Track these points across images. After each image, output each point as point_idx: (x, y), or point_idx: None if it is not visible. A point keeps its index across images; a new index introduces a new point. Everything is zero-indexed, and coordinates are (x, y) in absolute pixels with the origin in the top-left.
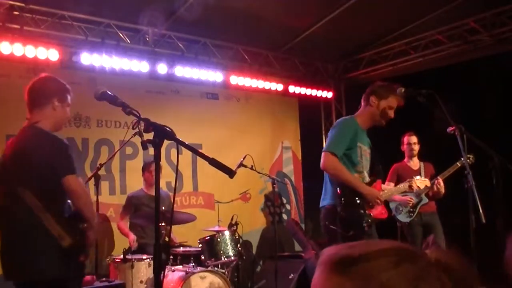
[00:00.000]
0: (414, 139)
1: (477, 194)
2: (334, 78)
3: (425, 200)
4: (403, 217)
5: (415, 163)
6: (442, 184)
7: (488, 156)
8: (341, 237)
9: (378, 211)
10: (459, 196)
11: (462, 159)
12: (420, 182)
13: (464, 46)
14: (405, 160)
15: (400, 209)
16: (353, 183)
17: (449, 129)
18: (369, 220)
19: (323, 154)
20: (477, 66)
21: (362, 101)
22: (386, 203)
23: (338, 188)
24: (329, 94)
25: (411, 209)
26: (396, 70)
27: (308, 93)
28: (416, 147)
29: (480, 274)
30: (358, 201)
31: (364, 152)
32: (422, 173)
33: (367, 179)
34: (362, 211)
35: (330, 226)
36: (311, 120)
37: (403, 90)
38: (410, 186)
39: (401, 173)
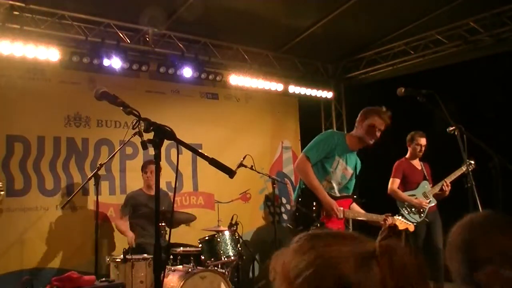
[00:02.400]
0: (424, 141)
1: (477, 194)
2: (334, 78)
3: (433, 201)
4: (414, 217)
5: (417, 163)
6: (449, 187)
7: (488, 156)
8: (291, 232)
9: (334, 224)
10: (459, 196)
11: (467, 163)
12: (400, 222)
13: (464, 46)
14: (408, 157)
15: (410, 209)
16: (316, 188)
17: (449, 129)
18: (318, 225)
19: (300, 154)
20: (477, 66)
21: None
22: (392, 206)
23: (301, 189)
24: (329, 94)
25: (421, 210)
26: (396, 70)
27: (308, 93)
28: (423, 149)
29: None
30: (314, 205)
31: (342, 167)
32: (425, 173)
33: (332, 192)
34: (314, 215)
35: (287, 224)
36: (311, 120)
37: (403, 90)
38: (385, 220)
39: (408, 172)
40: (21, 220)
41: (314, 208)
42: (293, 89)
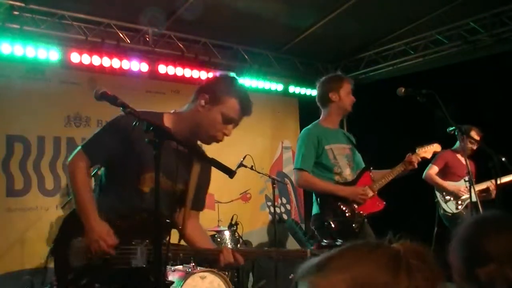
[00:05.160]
0: (479, 137)
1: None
2: None
3: (474, 198)
4: (451, 206)
5: (463, 158)
6: (496, 189)
7: (488, 156)
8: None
9: (370, 205)
10: None
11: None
12: (425, 151)
13: (464, 46)
14: (455, 149)
15: (449, 197)
16: (329, 190)
17: (449, 129)
18: (359, 219)
19: (294, 171)
20: (477, 66)
21: (319, 104)
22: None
23: (319, 199)
24: None
25: (460, 202)
26: (396, 70)
27: (308, 93)
28: (475, 148)
29: None
30: (342, 206)
31: (339, 151)
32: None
33: (350, 177)
34: (349, 214)
35: (316, 234)
36: (311, 120)
37: (403, 90)
38: (412, 163)
39: (452, 163)
40: (21, 220)
41: (343, 208)
42: (293, 89)
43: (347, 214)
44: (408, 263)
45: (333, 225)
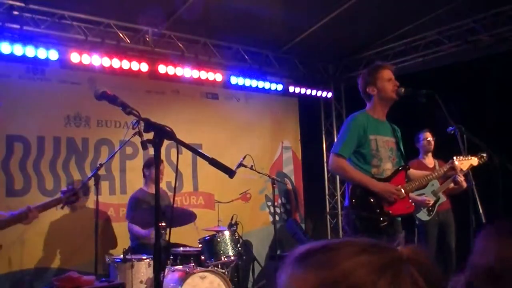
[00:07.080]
0: (429, 135)
1: (477, 194)
2: (334, 78)
3: (442, 199)
4: (422, 216)
5: (430, 161)
6: (464, 180)
7: (488, 156)
8: None
9: (400, 206)
10: (459, 196)
11: (479, 156)
12: (462, 162)
13: (464, 46)
14: (420, 156)
15: (419, 209)
16: (362, 182)
17: (449, 129)
18: (385, 218)
19: (330, 155)
20: (477, 66)
21: (364, 98)
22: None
23: (349, 190)
24: (329, 94)
25: (430, 208)
26: (396, 70)
27: (308, 93)
28: (432, 143)
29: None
30: (372, 201)
31: (383, 143)
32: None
33: (388, 173)
34: (377, 211)
35: (345, 227)
36: (311, 120)
37: (403, 90)
38: (452, 168)
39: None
40: None
41: (373, 203)
42: (293, 89)
43: (376, 211)
44: (410, 272)
45: (360, 219)
